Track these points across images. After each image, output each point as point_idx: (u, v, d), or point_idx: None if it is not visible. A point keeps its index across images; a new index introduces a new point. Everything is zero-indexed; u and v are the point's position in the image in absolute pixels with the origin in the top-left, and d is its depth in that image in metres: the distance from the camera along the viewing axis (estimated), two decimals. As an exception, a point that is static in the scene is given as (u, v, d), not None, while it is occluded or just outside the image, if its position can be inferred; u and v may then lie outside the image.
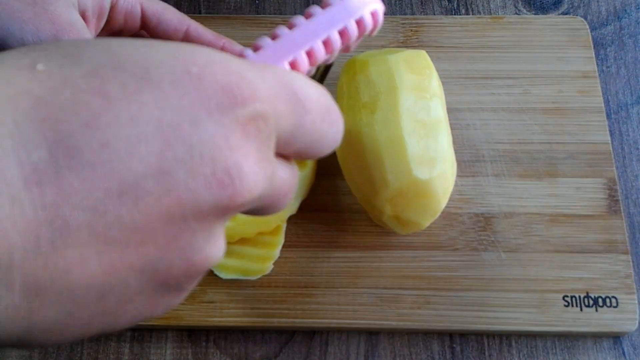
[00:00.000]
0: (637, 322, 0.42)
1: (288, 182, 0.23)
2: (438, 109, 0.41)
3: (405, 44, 0.51)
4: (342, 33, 0.26)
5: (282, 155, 0.23)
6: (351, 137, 0.41)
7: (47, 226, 0.17)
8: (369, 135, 0.40)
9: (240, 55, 0.25)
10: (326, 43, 0.26)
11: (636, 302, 0.42)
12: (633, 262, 0.44)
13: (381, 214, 0.40)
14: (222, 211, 0.19)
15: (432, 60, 0.43)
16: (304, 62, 0.25)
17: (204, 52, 0.20)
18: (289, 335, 0.43)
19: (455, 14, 0.54)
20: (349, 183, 0.43)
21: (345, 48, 0.29)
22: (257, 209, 0.22)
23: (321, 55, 0.25)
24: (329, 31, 0.26)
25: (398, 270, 0.43)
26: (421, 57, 0.43)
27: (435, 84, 0.42)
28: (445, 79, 0.46)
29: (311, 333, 0.43)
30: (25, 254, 0.16)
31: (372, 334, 0.43)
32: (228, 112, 0.19)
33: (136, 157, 0.17)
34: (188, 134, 0.18)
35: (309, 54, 0.25)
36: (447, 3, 0.54)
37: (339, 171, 0.44)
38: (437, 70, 0.43)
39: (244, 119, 0.19)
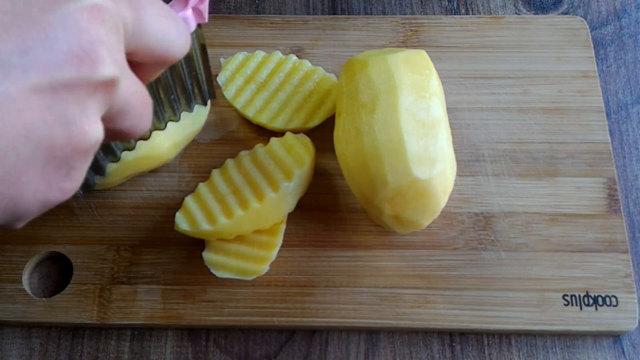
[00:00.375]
0: (637, 321, 0.42)
1: (142, 91, 0.26)
2: (438, 108, 0.41)
3: (405, 44, 0.51)
4: None
5: (131, 63, 0.26)
6: (350, 137, 0.41)
7: None
8: (368, 134, 0.40)
9: None
10: None
11: (636, 301, 0.42)
12: (633, 261, 0.44)
13: (381, 214, 0.40)
14: (88, 85, 0.23)
15: (431, 60, 0.43)
16: None
17: None
18: (289, 334, 0.43)
19: (455, 14, 0.54)
20: (348, 182, 0.43)
21: (197, 12, 0.33)
22: (121, 110, 0.25)
23: None
24: None
25: (398, 270, 0.43)
26: (421, 57, 0.43)
27: (434, 83, 0.42)
28: (444, 79, 0.46)
29: (311, 332, 0.43)
30: None
31: (372, 333, 0.43)
32: (71, 3, 0.23)
33: None
34: (40, 19, 0.22)
35: None
36: (447, 3, 0.54)
37: (338, 171, 0.44)
38: (437, 69, 0.43)
39: (88, 8, 0.23)
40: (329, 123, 0.47)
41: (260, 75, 0.48)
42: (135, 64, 0.27)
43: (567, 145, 0.47)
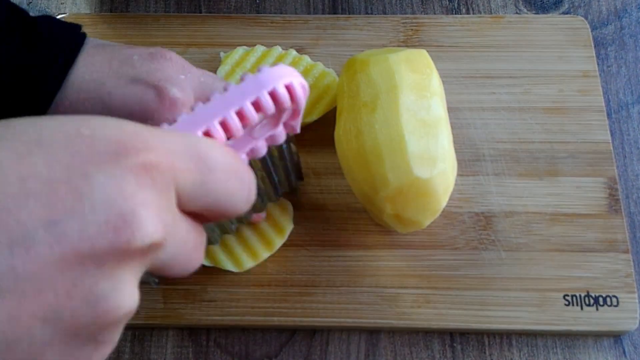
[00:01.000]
0: (637, 321, 0.42)
1: (193, 238, 0.24)
2: (438, 108, 0.41)
3: (406, 43, 0.51)
4: (256, 104, 0.27)
5: (189, 213, 0.23)
6: (351, 136, 0.41)
7: None
8: (369, 134, 0.40)
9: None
10: (240, 114, 0.27)
11: (637, 301, 0.42)
12: (633, 261, 0.44)
13: (381, 213, 0.40)
14: (123, 256, 0.20)
15: (432, 59, 0.43)
16: (217, 132, 0.26)
17: (100, 118, 0.21)
18: (289, 334, 0.43)
19: (455, 14, 0.54)
20: (349, 182, 0.43)
21: (274, 122, 0.31)
22: (166, 264, 0.23)
23: (235, 125, 0.27)
24: (241, 102, 0.27)
25: (398, 269, 0.43)
26: (422, 56, 0.43)
27: (435, 83, 0.42)
28: (445, 78, 0.46)
29: (312, 332, 0.43)
30: None
31: (372, 333, 0.43)
32: (119, 162, 0.20)
33: (25, 211, 0.19)
34: (78, 186, 0.19)
35: (223, 124, 0.27)
36: (447, 2, 0.54)
37: (339, 170, 0.44)
38: (438, 69, 0.43)
39: (136, 168, 0.20)
40: (329, 121, 0.47)
41: None
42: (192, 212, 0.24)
43: (568, 145, 0.47)
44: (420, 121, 0.40)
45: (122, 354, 0.43)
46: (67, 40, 0.37)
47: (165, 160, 0.21)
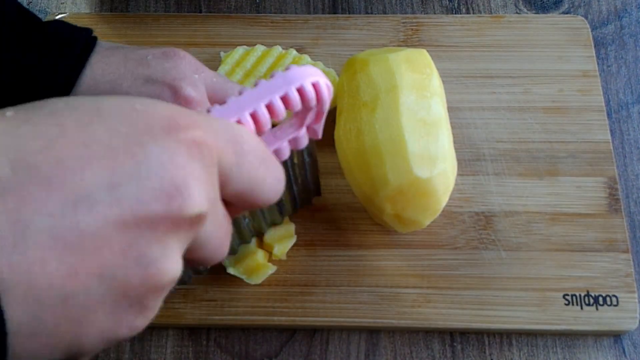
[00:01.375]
0: (637, 320, 0.42)
1: (226, 224, 0.25)
2: (438, 107, 0.41)
3: (406, 43, 0.51)
4: (284, 99, 0.29)
5: (222, 201, 0.25)
6: (351, 135, 0.41)
7: (9, 228, 0.19)
8: (369, 133, 0.40)
9: None
10: (269, 107, 0.28)
11: (637, 300, 0.42)
12: (633, 260, 0.44)
13: (381, 213, 0.40)
14: (174, 223, 0.21)
15: (432, 59, 0.43)
16: (248, 123, 0.28)
17: (149, 99, 0.23)
18: (289, 333, 0.43)
19: (455, 13, 0.54)
20: (349, 182, 0.43)
21: (299, 122, 0.33)
22: (201, 243, 0.24)
23: (265, 117, 0.28)
24: (271, 96, 0.29)
25: (398, 269, 0.43)
26: (422, 56, 0.43)
27: (435, 82, 0.42)
28: (445, 78, 0.46)
29: (312, 331, 0.43)
30: None
31: (372, 333, 0.43)
32: (171, 135, 0.22)
33: (88, 172, 0.20)
34: (135, 153, 0.21)
35: (253, 115, 0.28)
36: (447, 2, 0.54)
37: (339, 170, 0.44)
38: (438, 69, 0.43)
39: (187, 142, 0.22)
40: (329, 121, 0.47)
41: (260, 70, 0.48)
42: (224, 201, 0.25)
43: (568, 145, 0.47)
44: (421, 121, 0.40)
45: (122, 354, 0.43)
46: (78, 43, 0.39)
47: (211, 138, 0.23)
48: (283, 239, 0.44)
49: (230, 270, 0.43)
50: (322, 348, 0.43)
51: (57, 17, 0.53)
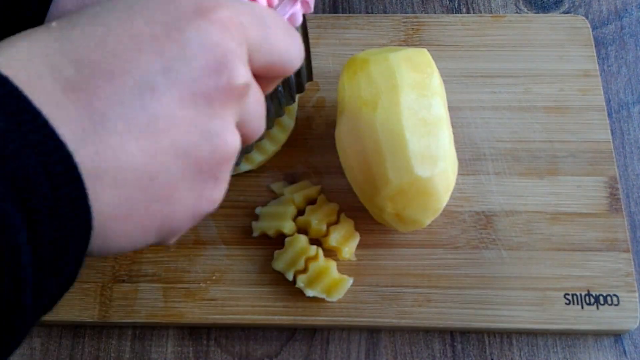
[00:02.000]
0: (638, 320, 0.42)
1: (262, 101, 0.27)
2: (439, 107, 0.41)
3: (407, 43, 0.51)
4: None
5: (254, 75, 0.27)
6: (352, 135, 0.41)
7: (88, 119, 0.21)
8: (370, 133, 0.40)
9: None
10: None
11: (637, 300, 0.42)
12: (634, 260, 0.44)
13: (382, 212, 0.40)
14: (226, 95, 0.23)
15: (433, 58, 0.43)
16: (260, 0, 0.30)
17: None
18: (290, 333, 0.43)
19: (456, 13, 0.54)
20: (350, 181, 0.43)
21: (304, 4, 0.35)
22: (246, 119, 0.26)
23: None
24: None
25: (399, 268, 0.43)
26: (422, 56, 0.43)
27: (436, 82, 0.42)
28: (446, 77, 0.46)
29: (312, 331, 0.43)
30: (76, 143, 0.20)
31: (373, 332, 0.43)
32: (203, 17, 0.23)
33: (142, 59, 0.22)
34: (176, 38, 0.23)
35: None
36: (447, 2, 0.54)
37: (340, 169, 0.44)
38: (438, 68, 0.43)
39: (217, 20, 0.23)
40: (330, 120, 0.47)
41: None
42: (255, 76, 0.27)
43: (569, 144, 0.47)
44: (421, 120, 0.40)
45: (123, 353, 0.43)
46: None
47: (236, 15, 0.24)
48: (347, 239, 0.43)
49: (310, 293, 0.42)
50: (323, 348, 0.43)
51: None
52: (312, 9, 0.35)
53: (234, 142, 0.24)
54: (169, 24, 0.23)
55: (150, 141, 0.22)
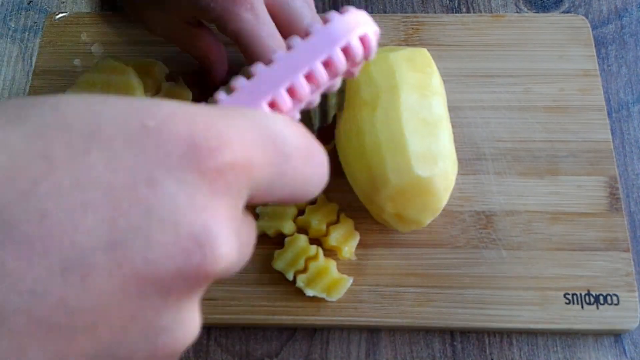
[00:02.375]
0: (638, 319, 0.42)
1: (252, 234, 0.21)
2: (439, 106, 0.41)
3: (407, 42, 0.51)
4: (328, 63, 0.23)
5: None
6: (352, 135, 0.41)
7: None
8: (370, 133, 0.40)
9: (214, 100, 0.23)
10: (309, 77, 0.23)
11: (637, 299, 0.42)
12: (634, 260, 0.44)
13: (382, 212, 0.40)
14: (191, 284, 0.17)
15: (433, 58, 0.43)
16: (285, 101, 0.22)
17: (166, 104, 0.18)
18: (290, 333, 0.43)
19: (456, 13, 0.54)
20: (350, 181, 0.43)
21: (348, 73, 0.27)
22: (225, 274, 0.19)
23: (305, 91, 0.23)
24: (311, 64, 0.23)
25: (399, 268, 0.43)
26: (422, 55, 0.43)
27: (436, 82, 0.42)
28: (446, 77, 0.46)
29: (312, 331, 0.43)
30: None
31: (373, 332, 0.43)
32: (192, 166, 0.17)
33: (82, 228, 0.15)
34: (144, 196, 0.16)
35: (291, 91, 0.23)
36: (447, 2, 0.54)
37: (340, 169, 0.44)
38: (438, 68, 0.43)
39: (211, 174, 0.17)
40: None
41: None
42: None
43: (569, 144, 0.47)
44: (421, 120, 0.40)
45: (123, 353, 0.43)
46: None
47: (242, 156, 0.18)
48: (347, 239, 0.43)
49: (310, 293, 0.42)
50: (323, 347, 0.43)
51: (58, 17, 0.53)
52: (356, 76, 0.29)
53: (190, 336, 0.18)
54: (139, 171, 0.16)
55: (61, 345, 0.16)
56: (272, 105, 0.23)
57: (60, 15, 0.53)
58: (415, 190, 0.39)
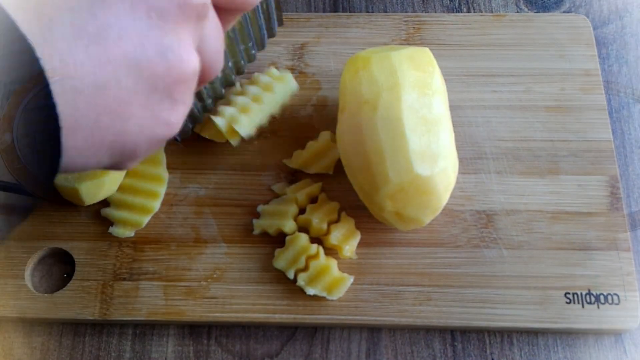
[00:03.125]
0: (638, 319, 0.42)
1: (220, 30, 0.27)
2: (440, 106, 0.41)
3: (408, 42, 0.51)
4: None
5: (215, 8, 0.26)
6: (353, 133, 0.41)
7: (36, 24, 0.20)
8: (371, 131, 0.40)
9: None
10: None
11: (638, 299, 0.42)
12: (635, 259, 0.44)
13: (382, 211, 0.40)
14: (182, 11, 0.23)
15: (434, 57, 0.43)
16: None
17: None
18: (290, 332, 0.43)
19: (457, 12, 0.54)
20: (350, 179, 0.43)
21: None
22: (204, 43, 0.26)
23: None
24: None
25: (400, 267, 0.43)
26: (424, 55, 0.43)
27: (437, 81, 0.42)
28: (447, 76, 0.46)
29: (312, 330, 0.43)
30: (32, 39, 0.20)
31: (373, 331, 0.43)
32: None
33: None
34: None
35: None
36: (448, 1, 0.54)
37: (340, 167, 0.44)
38: (440, 67, 0.43)
39: None
40: (330, 118, 0.47)
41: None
42: (216, 9, 0.27)
43: (569, 143, 0.47)
44: (422, 119, 0.40)
45: (123, 353, 0.43)
46: None
47: None
48: (348, 237, 0.43)
49: (310, 291, 0.42)
50: (323, 347, 0.43)
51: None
52: None
53: (191, 62, 0.24)
54: None
55: (99, 50, 0.21)
56: None
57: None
58: (415, 189, 0.39)
